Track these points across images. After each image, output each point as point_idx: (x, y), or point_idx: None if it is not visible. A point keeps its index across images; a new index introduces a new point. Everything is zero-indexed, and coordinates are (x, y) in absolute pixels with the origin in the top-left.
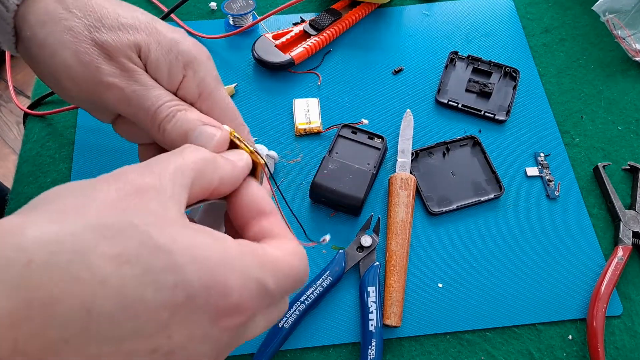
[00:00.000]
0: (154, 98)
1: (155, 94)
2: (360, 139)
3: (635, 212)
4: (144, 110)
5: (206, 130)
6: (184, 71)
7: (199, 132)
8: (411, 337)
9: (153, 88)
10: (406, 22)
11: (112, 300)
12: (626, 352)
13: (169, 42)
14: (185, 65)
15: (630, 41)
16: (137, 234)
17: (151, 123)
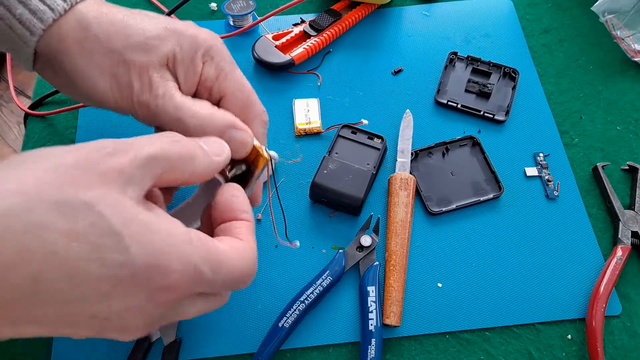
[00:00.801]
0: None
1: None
2: (360, 139)
3: (634, 212)
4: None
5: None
6: (204, 58)
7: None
8: (411, 337)
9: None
10: (406, 22)
11: (59, 270)
12: (625, 351)
13: (189, 39)
14: (204, 54)
15: (630, 42)
16: (90, 214)
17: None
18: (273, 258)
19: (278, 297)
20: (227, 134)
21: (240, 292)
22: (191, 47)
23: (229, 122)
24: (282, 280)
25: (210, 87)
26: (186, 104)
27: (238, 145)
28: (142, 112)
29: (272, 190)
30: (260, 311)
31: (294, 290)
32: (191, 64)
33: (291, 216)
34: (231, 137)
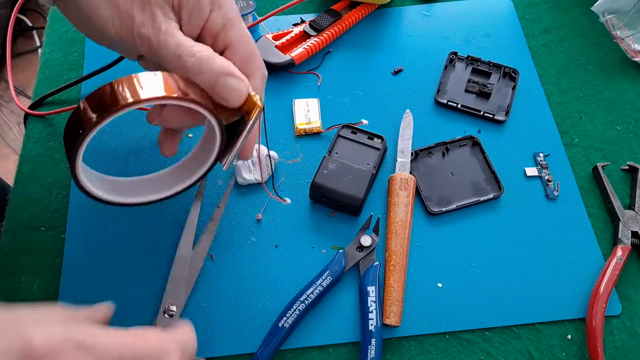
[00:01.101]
0: (177, 46)
1: (178, 41)
2: (360, 139)
3: (634, 212)
4: (171, 57)
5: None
6: (212, 5)
7: (224, 84)
8: (411, 337)
9: (178, 36)
10: (406, 22)
11: None
12: (625, 351)
13: None
14: (211, 2)
15: (629, 41)
16: None
17: (179, 68)
18: (273, 258)
19: (278, 297)
20: (222, 80)
21: (241, 292)
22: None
23: (226, 68)
24: (282, 280)
25: (215, 34)
26: (187, 43)
27: (233, 93)
28: (142, 46)
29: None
30: (260, 311)
31: (294, 290)
32: (197, 8)
33: (291, 216)
34: (226, 84)
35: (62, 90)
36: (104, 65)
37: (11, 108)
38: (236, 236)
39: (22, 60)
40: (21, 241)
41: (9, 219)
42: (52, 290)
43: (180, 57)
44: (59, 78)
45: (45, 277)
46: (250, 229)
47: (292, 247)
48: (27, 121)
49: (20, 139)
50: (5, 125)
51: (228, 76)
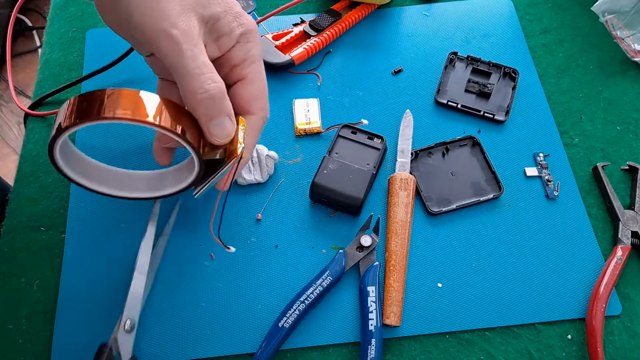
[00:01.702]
0: (204, 65)
1: (205, 61)
2: (360, 139)
3: (634, 212)
4: (187, 70)
5: (226, 126)
6: (239, 38)
7: (220, 122)
8: (411, 337)
9: (205, 55)
10: (406, 22)
11: None
12: (625, 351)
13: (235, 13)
14: (242, 34)
15: (629, 42)
16: None
17: (192, 86)
18: (273, 258)
19: (278, 297)
20: (220, 119)
21: (241, 292)
22: (234, 19)
23: (230, 110)
24: (282, 280)
25: (233, 65)
26: (211, 67)
27: (222, 134)
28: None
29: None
30: (260, 311)
31: (294, 290)
32: (228, 36)
33: (291, 216)
34: (222, 124)
35: (62, 90)
36: (104, 65)
37: (11, 108)
38: (236, 236)
39: (22, 60)
40: (21, 241)
41: (9, 219)
42: (52, 290)
43: (199, 77)
44: (59, 78)
45: (45, 277)
46: (250, 229)
47: (292, 247)
48: (27, 121)
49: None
50: (5, 125)
51: (227, 117)
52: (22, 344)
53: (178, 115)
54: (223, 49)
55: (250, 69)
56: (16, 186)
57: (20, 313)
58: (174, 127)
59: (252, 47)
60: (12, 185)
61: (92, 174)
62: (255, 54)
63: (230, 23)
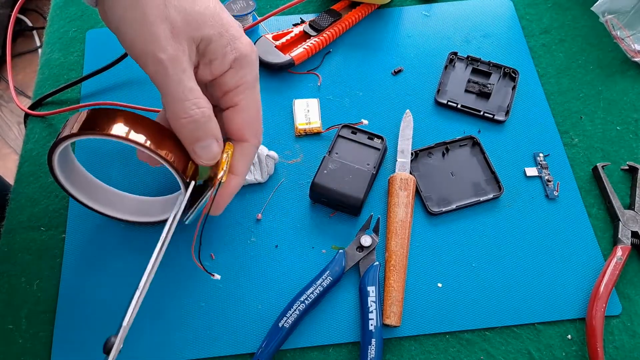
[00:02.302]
0: (189, 90)
1: (191, 86)
2: (360, 139)
3: (634, 212)
4: (172, 94)
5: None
6: (232, 63)
7: (207, 145)
8: (411, 337)
9: (192, 80)
10: (406, 22)
11: None
12: (625, 351)
13: (230, 37)
14: (235, 60)
15: (629, 42)
16: None
17: (177, 111)
18: (273, 258)
19: (278, 297)
20: (206, 141)
21: (241, 292)
22: (228, 43)
23: (215, 133)
24: (282, 280)
25: (226, 91)
26: (198, 92)
27: (207, 156)
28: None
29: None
30: (260, 311)
31: (294, 290)
32: (220, 61)
33: (291, 216)
34: (208, 146)
35: (62, 90)
36: (104, 65)
37: (11, 108)
38: (236, 236)
39: (22, 60)
40: (21, 241)
41: (9, 219)
42: (52, 290)
43: (183, 103)
44: (59, 78)
45: (45, 277)
46: (250, 229)
47: (292, 247)
48: (27, 121)
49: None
50: (5, 125)
51: (213, 139)
52: (22, 344)
53: (165, 139)
54: (215, 72)
55: (244, 96)
56: (16, 186)
57: (20, 313)
58: (161, 151)
59: (247, 73)
60: (12, 185)
61: (84, 186)
62: (249, 80)
63: (224, 47)
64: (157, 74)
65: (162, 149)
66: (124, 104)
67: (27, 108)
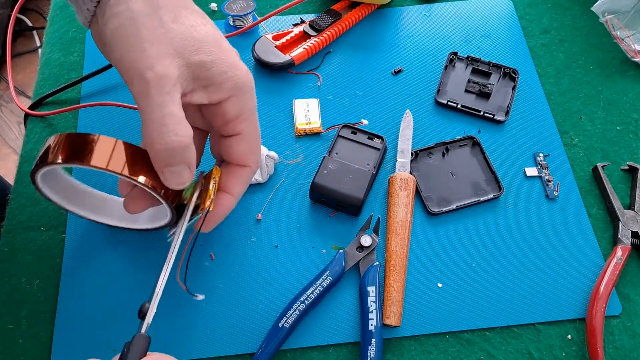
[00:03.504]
0: (169, 115)
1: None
2: (360, 140)
3: (634, 212)
4: (155, 118)
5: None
6: (232, 92)
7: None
8: (411, 337)
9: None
10: (406, 22)
11: None
12: (625, 351)
13: (230, 64)
14: (234, 88)
15: (629, 42)
16: None
17: (152, 134)
18: (273, 258)
19: (278, 297)
20: (177, 167)
21: (241, 292)
22: (227, 70)
23: (188, 160)
24: (282, 280)
25: (227, 121)
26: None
27: (176, 182)
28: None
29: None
30: (260, 311)
31: (294, 290)
32: (218, 86)
33: (291, 216)
34: (178, 172)
35: (62, 91)
36: (104, 66)
37: (11, 108)
38: (236, 236)
39: (22, 60)
40: (21, 241)
41: (9, 219)
42: (52, 290)
43: (160, 128)
44: (59, 78)
45: (45, 277)
46: (250, 229)
47: (292, 247)
48: (27, 121)
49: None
50: (5, 125)
51: (185, 166)
52: (22, 344)
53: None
54: (212, 98)
55: (246, 124)
56: (16, 186)
57: (20, 313)
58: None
59: (247, 100)
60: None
61: (67, 192)
62: (250, 108)
63: (222, 74)
64: (139, 94)
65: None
66: (124, 105)
67: (27, 108)
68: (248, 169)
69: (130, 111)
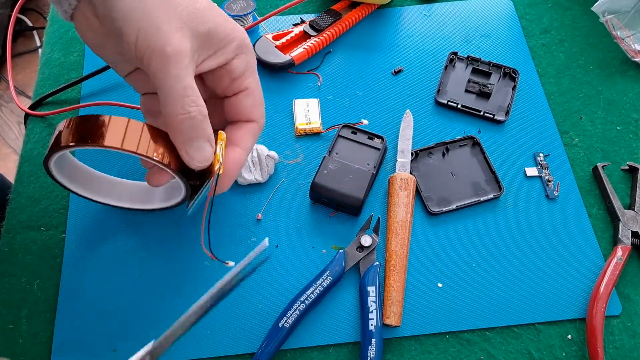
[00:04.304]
0: (189, 87)
1: (191, 84)
2: (360, 139)
3: (634, 212)
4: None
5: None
6: (237, 50)
7: (200, 146)
8: (411, 337)
9: (192, 78)
10: (406, 22)
11: None
12: (625, 351)
13: (231, 26)
14: (239, 46)
15: (630, 42)
16: None
17: (174, 107)
18: (273, 258)
19: (278, 297)
20: (199, 142)
21: (241, 292)
22: (229, 34)
23: (209, 134)
24: (282, 280)
25: (235, 78)
26: (196, 91)
27: (200, 157)
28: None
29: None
30: (260, 311)
31: (294, 290)
32: (225, 49)
33: (291, 216)
34: (201, 147)
35: (62, 90)
36: (104, 66)
37: (11, 108)
38: (236, 236)
39: (22, 60)
40: (21, 241)
41: (9, 219)
42: (52, 290)
43: (182, 99)
44: (59, 78)
45: (45, 277)
46: (250, 229)
47: (292, 247)
48: (27, 121)
49: (20, 139)
50: (5, 125)
51: (207, 141)
52: (22, 344)
53: (164, 143)
54: (220, 61)
55: (252, 79)
56: (16, 186)
57: (20, 313)
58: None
59: (250, 57)
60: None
61: (84, 181)
62: (253, 64)
63: (227, 37)
64: (159, 69)
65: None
66: (124, 104)
67: (27, 108)
68: (255, 124)
69: (130, 111)
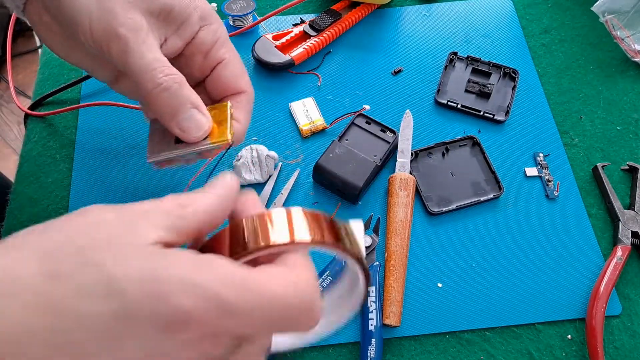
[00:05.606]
0: (154, 60)
1: (155, 56)
2: (372, 130)
3: (634, 212)
4: (141, 68)
5: (196, 118)
6: (201, 22)
7: (189, 116)
8: (411, 337)
9: (156, 51)
10: (406, 22)
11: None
12: (625, 351)
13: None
14: (202, 17)
15: (629, 42)
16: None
17: (145, 84)
18: None
19: None
20: (188, 111)
21: None
22: (190, 5)
23: (195, 100)
24: None
25: (206, 51)
26: (164, 61)
27: (194, 127)
28: (116, 52)
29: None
30: None
31: None
32: (187, 24)
33: None
34: (190, 117)
35: (62, 91)
36: None
37: (11, 108)
38: None
39: (22, 60)
40: None
41: (9, 219)
42: None
43: (150, 73)
44: (59, 78)
45: None
46: None
47: None
48: (27, 121)
49: (20, 139)
50: (5, 125)
51: (194, 108)
52: None
53: None
54: (186, 37)
55: (226, 49)
56: (16, 186)
57: None
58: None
59: (217, 27)
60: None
61: None
62: (223, 34)
63: (186, 9)
64: (119, 53)
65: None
66: (124, 104)
67: (27, 108)
68: (244, 94)
69: (130, 111)
